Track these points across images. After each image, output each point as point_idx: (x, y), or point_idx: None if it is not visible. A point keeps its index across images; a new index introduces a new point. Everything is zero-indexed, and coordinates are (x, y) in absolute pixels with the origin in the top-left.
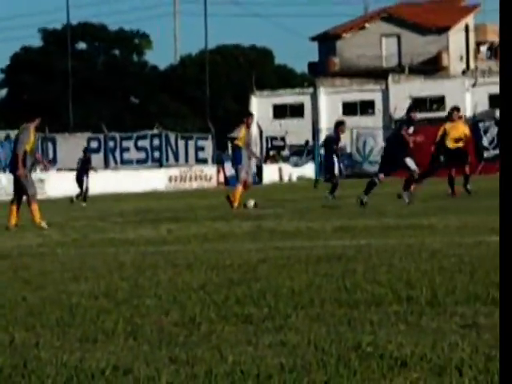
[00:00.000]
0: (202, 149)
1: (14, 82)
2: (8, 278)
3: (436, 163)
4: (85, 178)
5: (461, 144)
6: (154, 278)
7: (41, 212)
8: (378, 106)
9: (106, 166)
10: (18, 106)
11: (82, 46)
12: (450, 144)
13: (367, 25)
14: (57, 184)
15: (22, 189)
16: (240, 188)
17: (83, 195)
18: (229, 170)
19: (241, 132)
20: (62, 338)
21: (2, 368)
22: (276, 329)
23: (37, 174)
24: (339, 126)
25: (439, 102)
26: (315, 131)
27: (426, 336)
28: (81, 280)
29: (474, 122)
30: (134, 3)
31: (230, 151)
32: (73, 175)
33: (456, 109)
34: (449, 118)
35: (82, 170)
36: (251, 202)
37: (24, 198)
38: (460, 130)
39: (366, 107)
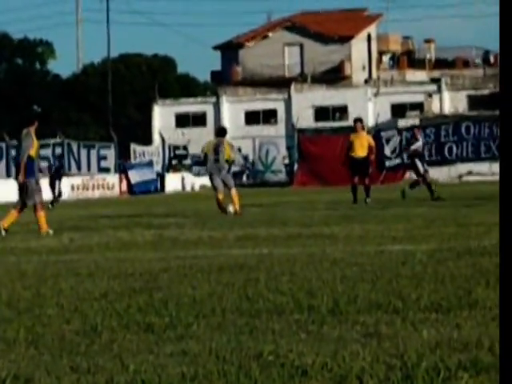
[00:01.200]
0: (105, 158)
1: None
2: None
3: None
4: (57, 184)
5: (364, 154)
6: (55, 287)
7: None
8: (281, 115)
9: (8, 175)
10: None
11: None
12: (355, 154)
13: (270, 34)
14: None
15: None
16: None
17: (55, 200)
18: (133, 178)
19: None
20: None
21: None
22: (177, 338)
23: None
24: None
25: (342, 111)
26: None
27: (328, 345)
28: None
29: (376, 132)
30: (36, 11)
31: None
32: None
33: (359, 120)
34: (353, 129)
35: (56, 175)
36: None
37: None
38: (364, 140)
39: (269, 116)
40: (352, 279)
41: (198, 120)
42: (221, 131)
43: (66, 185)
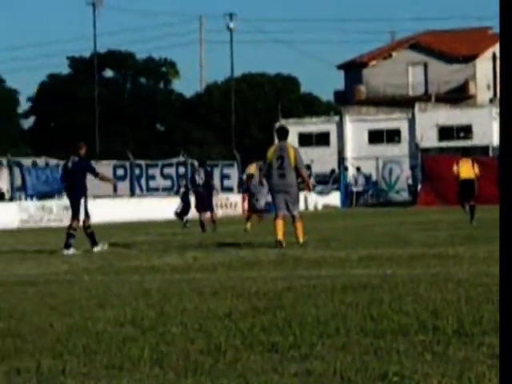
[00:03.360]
0: (228, 177)
1: (41, 110)
2: (35, 305)
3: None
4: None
5: (471, 176)
6: (179, 306)
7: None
8: (404, 134)
9: (132, 193)
10: (45, 134)
11: (109, 73)
12: (463, 176)
13: (394, 53)
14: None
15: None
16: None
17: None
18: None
19: None
20: (88, 365)
21: None
22: (302, 357)
23: (62, 201)
24: None
25: (466, 130)
26: (341, 160)
27: (453, 366)
28: (107, 307)
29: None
30: (160, 31)
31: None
32: (99, 202)
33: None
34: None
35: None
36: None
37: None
38: (469, 162)
39: (392, 136)
40: (477, 300)
41: (322, 139)
42: (283, 132)
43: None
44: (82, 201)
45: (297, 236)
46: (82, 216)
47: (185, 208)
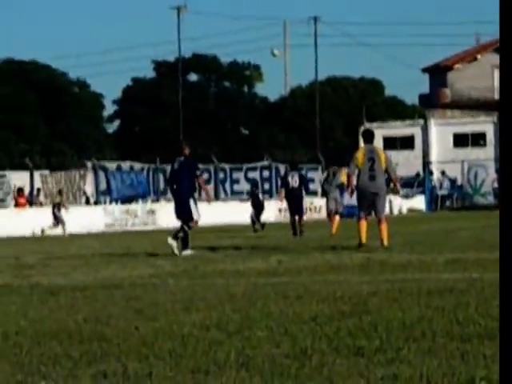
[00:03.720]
0: (312, 180)
1: (126, 113)
2: (121, 308)
3: None
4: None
5: None
6: (264, 310)
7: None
8: (490, 137)
9: (217, 197)
10: (130, 138)
11: (193, 77)
12: None
13: (479, 56)
14: (168, 215)
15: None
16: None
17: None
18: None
19: None
20: (174, 369)
21: None
22: (388, 362)
23: (147, 205)
24: None
25: None
26: (426, 163)
27: None
28: (192, 311)
29: None
30: (244, 35)
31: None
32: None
33: None
34: None
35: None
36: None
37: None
38: None
39: (478, 139)
40: None
41: (406, 143)
42: (369, 134)
43: (272, 208)
44: (191, 201)
45: (381, 239)
46: (195, 215)
47: (257, 211)
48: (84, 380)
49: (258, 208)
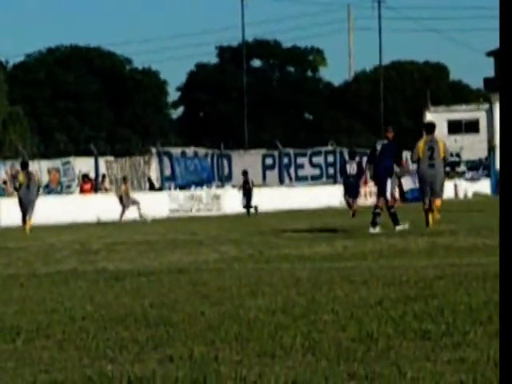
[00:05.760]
0: None
1: (190, 99)
2: (187, 293)
3: None
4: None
5: None
6: (330, 294)
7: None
8: None
9: (281, 182)
10: (194, 124)
11: (257, 63)
12: None
13: None
14: (232, 200)
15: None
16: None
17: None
18: (406, 184)
19: None
20: (240, 353)
21: (183, 382)
22: (454, 345)
23: (211, 190)
24: None
25: None
26: (491, 147)
27: None
28: (258, 295)
29: None
30: (308, 20)
31: None
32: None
33: None
34: None
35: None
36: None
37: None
38: None
39: None
40: None
41: (471, 127)
42: (431, 126)
43: (337, 193)
44: (389, 182)
45: (428, 220)
46: (388, 196)
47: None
48: (150, 364)
49: (248, 195)
